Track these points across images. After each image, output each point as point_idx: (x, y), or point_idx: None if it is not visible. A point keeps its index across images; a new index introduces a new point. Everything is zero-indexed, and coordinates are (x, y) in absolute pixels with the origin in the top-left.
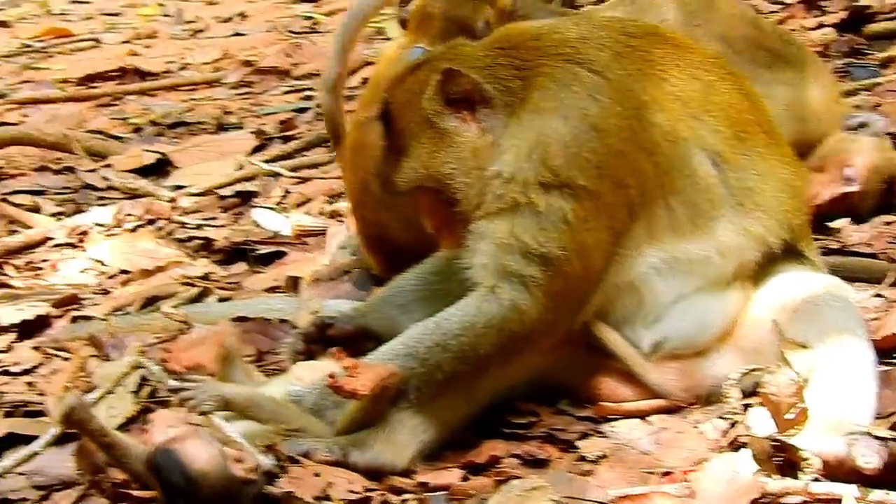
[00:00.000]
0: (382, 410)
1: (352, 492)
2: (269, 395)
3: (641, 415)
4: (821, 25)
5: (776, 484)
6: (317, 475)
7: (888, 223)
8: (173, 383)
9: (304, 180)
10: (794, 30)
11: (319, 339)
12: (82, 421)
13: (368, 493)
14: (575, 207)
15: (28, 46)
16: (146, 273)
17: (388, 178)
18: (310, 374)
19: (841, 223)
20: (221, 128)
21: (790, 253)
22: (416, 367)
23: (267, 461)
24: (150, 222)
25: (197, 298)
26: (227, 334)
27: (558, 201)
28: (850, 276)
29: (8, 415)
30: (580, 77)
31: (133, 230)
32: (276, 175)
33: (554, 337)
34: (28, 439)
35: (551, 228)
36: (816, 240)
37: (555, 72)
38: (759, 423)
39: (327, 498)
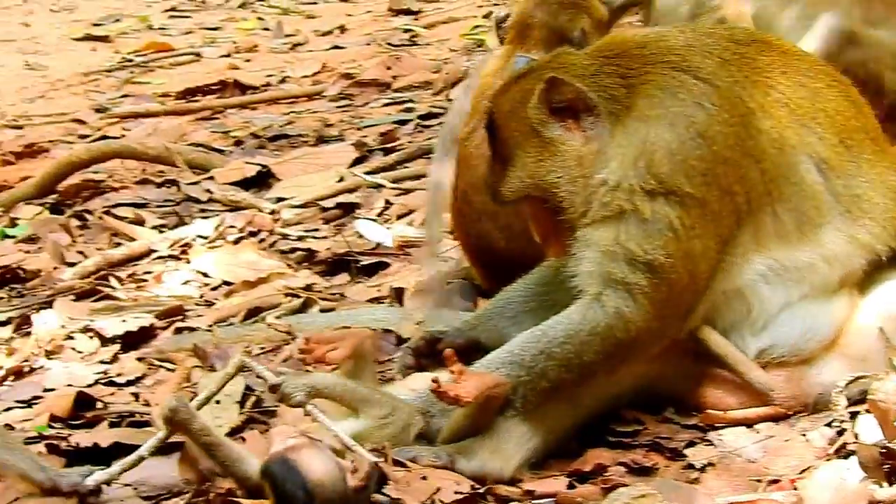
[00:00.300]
0: (489, 419)
1: (458, 493)
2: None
3: (748, 423)
4: None
5: (885, 492)
6: (424, 478)
7: None
8: (272, 378)
9: (406, 191)
10: None
11: (429, 354)
12: (185, 422)
13: (475, 493)
14: (681, 215)
15: (129, 61)
16: (249, 284)
17: (495, 188)
18: (423, 385)
19: None
20: (322, 140)
21: None
22: (522, 375)
23: (375, 460)
24: (253, 234)
25: (300, 309)
26: (366, 336)
27: (664, 209)
28: None
29: (113, 425)
30: (686, 84)
31: (235, 242)
32: (378, 187)
33: (659, 345)
34: (133, 449)
35: (657, 236)
36: None
37: (661, 79)
38: (867, 430)
39: (433, 502)
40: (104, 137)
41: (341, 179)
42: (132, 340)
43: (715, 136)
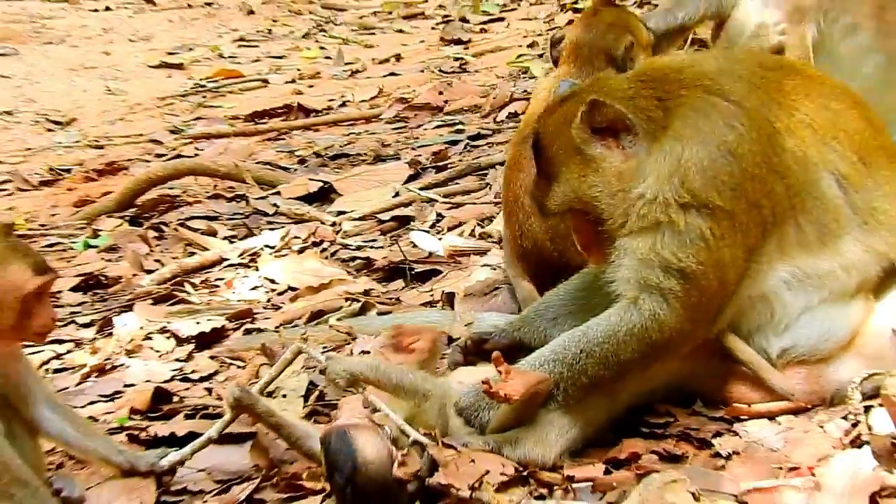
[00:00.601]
0: (533, 412)
1: (504, 475)
2: (394, 366)
3: (770, 415)
4: None
5: (895, 478)
6: (472, 462)
7: None
8: (322, 362)
9: (457, 206)
10: None
11: (476, 352)
12: (250, 405)
13: (519, 476)
14: (712, 226)
15: (201, 86)
16: (313, 290)
17: (541, 202)
18: (468, 378)
19: None
20: (379, 159)
21: None
22: (564, 372)
23: (427, 440)
24: (316, 244)
25: (359, 312)
26: (441, 334)
27: (696, 220)
28: None
29: (188, 417)
30: (718, 106)
31: (300, 251)
32: (431, 201)
33: (691, 345)
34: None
35: (690, 245)
36: None
37: (694, 101)
38: (880, 422)
39: (481, 484)
40: (179, 156)
41: (397, 194)
42: (205, 340)
43: (744, 153)
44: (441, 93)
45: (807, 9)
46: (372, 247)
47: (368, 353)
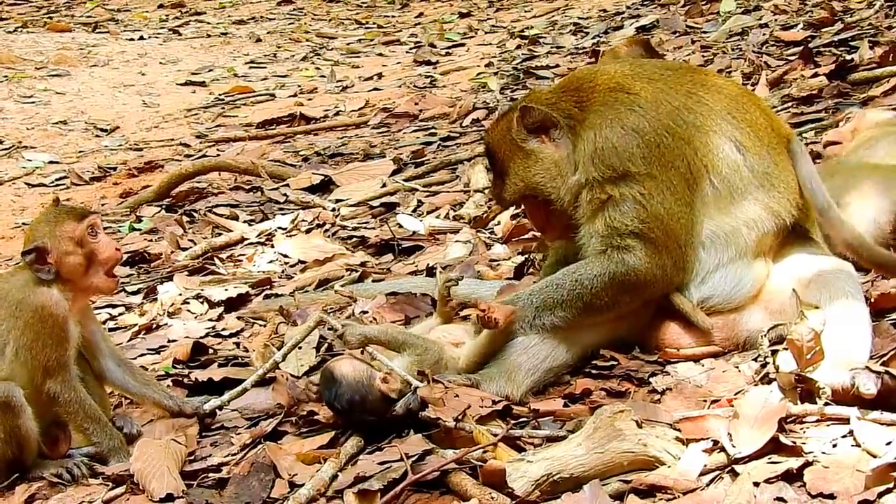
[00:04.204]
0: (499, 344)
1: (483, 407)
2: (399, 329)
3: (695, 359)
4: (815, 75)
5: (798, 408)
6: (457, 396)
7: None
8: (339, 327)
9: (434, 194)
10: (795, 78)
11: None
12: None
13: (495, 410)
14: (639, 188)
15: (221, 100)
16: (318, 262)
17: (499, 196)
18: (445, 335)
19: None
20: (368, 157)
21: (801, 236)
22: (526, 312)
23: (418, 383)
24: (319, 226)
25: (358, 280)
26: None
27: (625, 189)
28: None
29: (221, 366)
30: (619, 98)
31: (307, 232)
32: (413, 190)
33: (663, 288)
34: (238, 383)
35: (629, 210)
36: None
37: (603, 98)
38: (785, 363)
39: (464, 416)
40: (204, 156)
41: (384, 185)
42: (233, 304)
43: (644, 128)
44: (416, 103)
45: None
46: (366, 227)
47: (367, 311)
